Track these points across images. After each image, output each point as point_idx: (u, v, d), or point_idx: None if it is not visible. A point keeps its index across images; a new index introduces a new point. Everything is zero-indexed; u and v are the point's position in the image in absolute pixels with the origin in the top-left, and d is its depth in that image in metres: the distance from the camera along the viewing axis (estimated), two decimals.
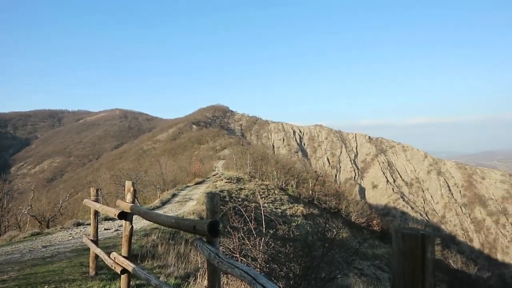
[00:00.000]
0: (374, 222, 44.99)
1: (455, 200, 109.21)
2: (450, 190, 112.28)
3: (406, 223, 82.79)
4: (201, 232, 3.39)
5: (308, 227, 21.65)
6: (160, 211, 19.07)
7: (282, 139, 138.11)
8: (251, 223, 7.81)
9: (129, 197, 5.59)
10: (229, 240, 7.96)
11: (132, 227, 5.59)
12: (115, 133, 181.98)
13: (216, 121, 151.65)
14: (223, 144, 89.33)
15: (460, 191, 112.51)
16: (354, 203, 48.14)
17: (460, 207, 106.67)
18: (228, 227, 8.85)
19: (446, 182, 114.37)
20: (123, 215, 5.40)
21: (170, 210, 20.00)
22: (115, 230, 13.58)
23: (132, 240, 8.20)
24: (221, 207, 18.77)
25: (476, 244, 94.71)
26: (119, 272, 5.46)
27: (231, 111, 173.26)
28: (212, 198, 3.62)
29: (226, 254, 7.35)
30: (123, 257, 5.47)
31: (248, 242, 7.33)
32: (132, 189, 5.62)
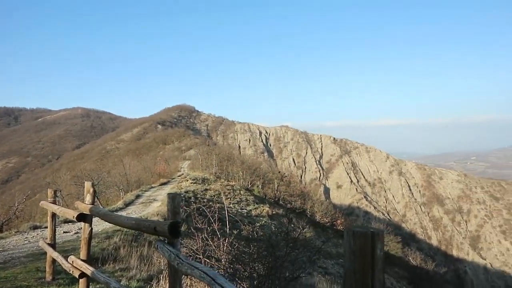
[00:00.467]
0: (338, 221, 45.83)
1: (415, 199, 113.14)
2: (410, 189, 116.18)
3: (369, 222, 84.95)
4: (161, 233, 3.34)
5: (273, 227, 21.79)
6: (123, 213, 18.64)
7: (248, 140, 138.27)
8: (215, 224, 7.78)
9: (88, 198, 5.43)
10: (193, 241, 7.89)
11: (92, 229, 5.43)
12: (77, 133, 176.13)
13: (182, 121, 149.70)
14: (189, 145, 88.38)
15: (419, 190, 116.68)
16: (319, 203, 48.86)
17: (420, 206, 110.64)
18: (192, 228, 8.78)
19: (407, 182, 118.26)
20: (82, 217, 5.24)
21: (133, 212, 19.58)
22: (75, 233, 13.15)
23: (93, 243, 7.95)
24: (185, 208, 18.56)
25: (434, 241, 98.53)
26: (77, 276, 5.29)
27: (197, 111, 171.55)
28: (173, 199, 3.58)
29: (190, 256, 7.29)
30: (82, 260, 5.30)
31: (211, 243, 7.30)
32: (91, 190, 5.46)
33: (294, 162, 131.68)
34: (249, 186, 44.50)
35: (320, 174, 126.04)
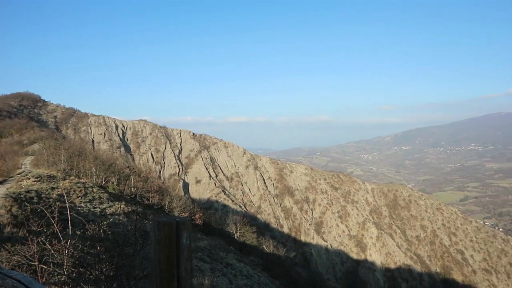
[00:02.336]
0: (197, 216, 46.33)
1: (269, 191, 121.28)
2: (265, 183, 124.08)
3: (227, 215, 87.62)
4: None
5: (129, 225, 20.84)
6: None
7: (103, 134, 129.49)
8: (56, 225, 7.07)
9: None
10: (28, 247, 7.05)
11: None
12: None
13: (23, 112, 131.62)
14: (32, 138, 78.50)
15: (273, 183, 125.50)
16: (177, 198, 48.60)
17: (273, 198, 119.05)
18: (27, 232, 7.83)
19: (262, 176, 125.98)
20: None
21: None
22: None
23: None
24: (16, 209, 16.56)
25: (286, 229, 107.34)
26: None
27: (43, 100, 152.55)
28: None
29: (23, 264, 6.51)
30: None
31: (50, 247, 6.61)
32: None
33: (153, 157, 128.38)
34: (103, 183, 41.84)
35: (179, 169, 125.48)
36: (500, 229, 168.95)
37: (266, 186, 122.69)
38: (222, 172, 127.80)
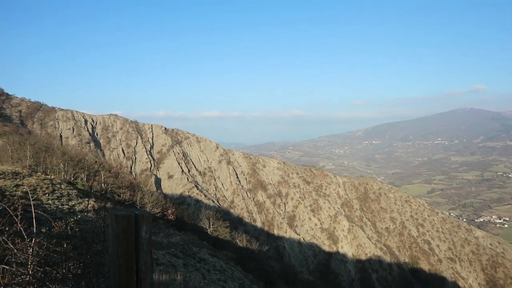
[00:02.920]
0: (169, 211, 45.89)
1: (242, 186, 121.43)
2: (238, 177, 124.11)
3: (200, 210, 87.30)
4: None
5: (97, 222, 20.41)
6: None
7: (71, 129, 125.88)
8: (19, 223, 6.82)
9: None
10: None
11: None
12: None
13: None
14: None
15: (246, 178, 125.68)
16: (149, 193, 47.91)
17: (246, 192, 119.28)
18: None
19: (235, 171, 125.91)
20: None
21: None
22: None
23: None
24: None
25: (259, 224, 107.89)
26: None
27: (7, 94, 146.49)
28: None
29: None
30: None
31: (12, 246, 6.37)
32: None
33: (124, 152, 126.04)
34: (72, 179, 40.74)
35: (151, 164, 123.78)
36: (464, 220, 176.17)
37: (239, 181, 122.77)
38: (195, 167, 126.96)
